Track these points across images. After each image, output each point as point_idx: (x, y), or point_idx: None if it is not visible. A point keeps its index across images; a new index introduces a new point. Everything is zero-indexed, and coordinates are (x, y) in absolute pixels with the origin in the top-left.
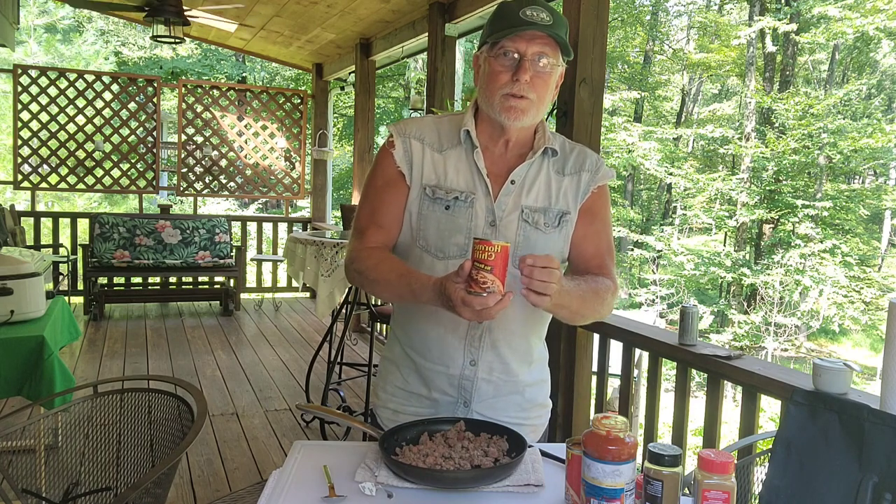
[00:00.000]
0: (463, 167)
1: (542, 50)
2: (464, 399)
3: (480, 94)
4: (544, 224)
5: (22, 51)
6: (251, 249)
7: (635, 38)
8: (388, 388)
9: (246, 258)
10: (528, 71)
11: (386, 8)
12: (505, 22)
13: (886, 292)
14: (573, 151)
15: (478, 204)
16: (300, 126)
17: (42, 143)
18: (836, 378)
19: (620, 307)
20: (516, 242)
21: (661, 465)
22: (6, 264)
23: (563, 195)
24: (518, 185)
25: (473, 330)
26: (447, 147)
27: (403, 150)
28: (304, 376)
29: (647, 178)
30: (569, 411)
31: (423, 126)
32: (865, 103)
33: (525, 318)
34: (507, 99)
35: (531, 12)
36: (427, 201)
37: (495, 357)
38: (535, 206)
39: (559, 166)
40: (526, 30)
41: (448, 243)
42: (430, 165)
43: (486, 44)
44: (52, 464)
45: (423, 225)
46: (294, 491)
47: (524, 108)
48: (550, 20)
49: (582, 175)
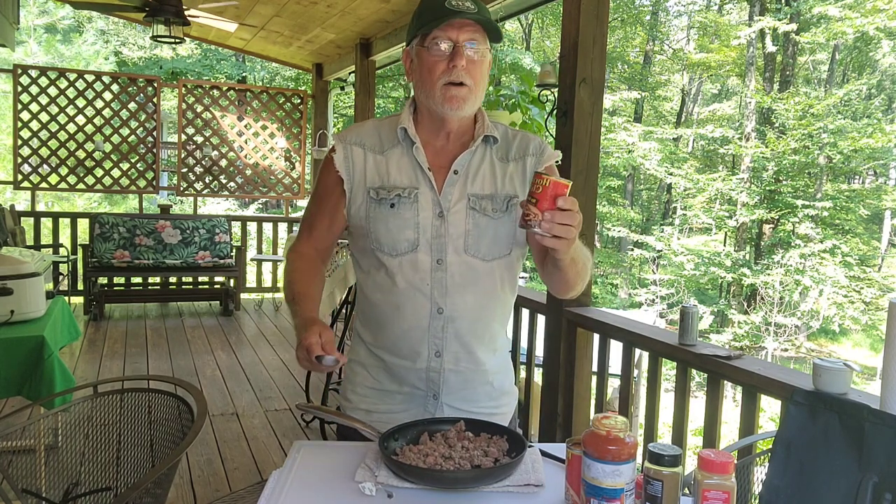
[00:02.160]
0: (405, 164)
1: (473, 37)
2: (433, 392)
3: (417, 89)
4: (493, 210)
5: (22, 51)
6: (251, 249)
7: (635, 38)
8: (359, 389)
9: (246, 258)
10: (463, 57)
11: (386, 8)
12: (432, 13)
13: (886, 292)
14: (516, 138)
15: (423, 198)
16: (300, 126)
17: (42, 143)
18: (836, 378)
19: (620, 307)
20: (466, 230)
21: (661, 465)
22: (6, 264)
23: (510, 180)
24: (462, 175)
25: (436, 321)
26: (388, 147)
27: (344, 156)
28: (304, 376)
29: (647, 178)
30: (569, 411)
31: (364, 131)
32: (865, 103)
33: (486, 302)
34: (447, 89)
35: (457, 2)
36: (373, 203)
37: (460, 346)
38: (482, 193)
39: (502, 153)
40: (455, 18)
41: (398, 240)
42: (372, 168)
43: (416, 37)
44: (52, 464)
45: (373, 227)
46: (294, 491)
47: (464, 96)
48: (475, 7)
49: (527, 160)
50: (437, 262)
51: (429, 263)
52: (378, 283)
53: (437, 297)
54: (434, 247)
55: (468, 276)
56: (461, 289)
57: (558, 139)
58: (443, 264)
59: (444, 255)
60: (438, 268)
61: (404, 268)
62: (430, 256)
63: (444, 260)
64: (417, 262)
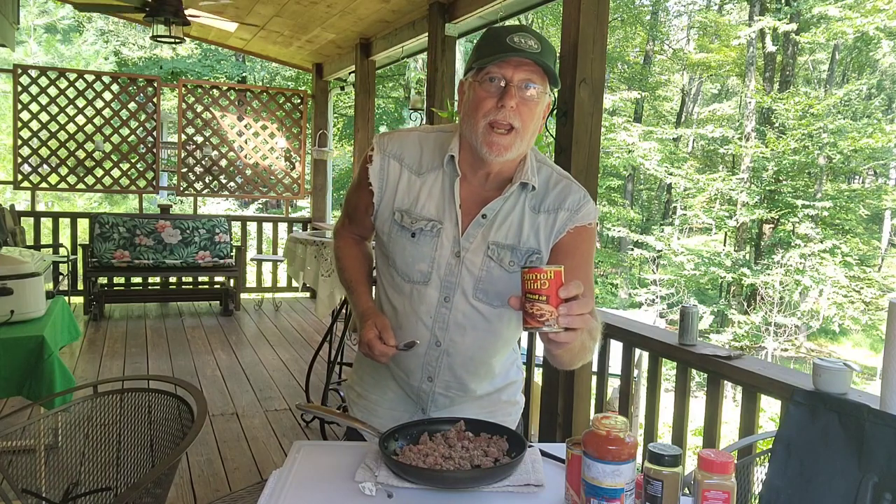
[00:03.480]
0: (437, 192)
1: (530, 77)
2: (421, 407)
3: (463, 121)
4: (509, 263)
5: (22, 51)
6: (251, 249)
7: (635, 38)
8: (366, 379)
9: (246, 258)
10: (515, 97)
11: (386, 8)
12: (491, 48)
13: (886, 292)
14: (556, 186)
15: (444, 234)
16: (300, 126)
17: (42, 143)
18: (836, 378)
19: (620, 307)
20: (479, 276)
21: (661, 465)
22: (6, 264)
23: (535, 234)
24: (489, 220)
25: (432, 350)
26: (426, 170)
27: (380, 168)
28: (304, 376)
29: (647, 178)
30: (569, 411)
31: (406, 143)
32: (865, 103)
33: (487, 343)
34: (490, 131)
35: (519, 39)
36: (396, 227)
37: (452, 377)
38: (504, 242)
39: (536, 202)
40: (513, 56)
41: (413, 269)
42: (404, 189)
43: (472, 69)
44: (52, 464)
45: (392, 248)
46: (294, 491)
47: (507, 144)
48: (538, 48)
49: (559, 214)
50: (444, 299)
51: (436, 299)
52: (389, 297)
53: (438, 330)
54: (444, 284)
55: (472, 318)
56: (462, 329)
57: (558, 139)
58: (449, 303)
59: (453, 295)
60: (444, 304)
61: (413, 296)
62: (439, 293)
63: (451, 299)
64: (425, 295)
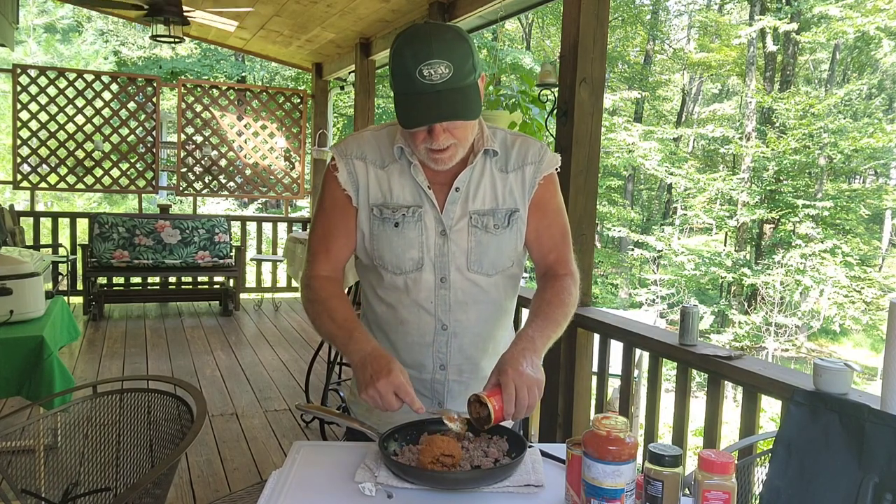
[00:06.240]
0: (407, 181)
1: (450, 116)
2: (437, 400)
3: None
4: (494, 226)
5: (21, 50)
6: (251, 249)
7: (635, 37)
8: None
9: (245, 258)
10: (443, 131)
11: (386, 7)
12: (402, 83)
13: (887, 292)
14: (514, 145)
15: (426, 216)
16: (300, 126)
17: (41, 142)
18: (836, 378)
19: (621, 307)
20: (468, 248)
21: (662, 466)
22: (6, 264)
23: (510, 193)
24: (463, 192)
25: (440, 336)
26: (389, 162)
27: (347, 172)
28: (304, 376)
29: (648, 178)
30: (569, 411)
31: (363, 143)
32: (866, 103)
33: (489, 315)
34: (430, 153)
35: (428, 71)
36: (377, 221)
37: (464, 359)
38: (483, 209)
39: (502, 164)
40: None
41: (404, 259)
42: (375, 184)
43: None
44: (52, 464)
45: (376, 245)
46: (294, 491)
47: (450, 156)
48: (450, 70)
49: (525, 168)
50: (440, 280)
51: (433, 282)
52: (382, 298)
53: (441, 314)
54: (438, 265)
55: (471, 292)
56: (464, 306)
57: (558, 139)
58: (446, 282)
59: (448, 274)
60: (442, 286)
61: (409, 286)
62: (434, 275)
63: (447, 278)
64: (422, 280)
